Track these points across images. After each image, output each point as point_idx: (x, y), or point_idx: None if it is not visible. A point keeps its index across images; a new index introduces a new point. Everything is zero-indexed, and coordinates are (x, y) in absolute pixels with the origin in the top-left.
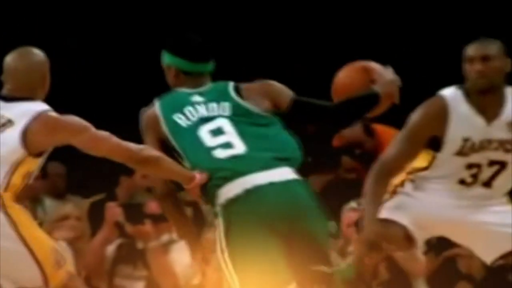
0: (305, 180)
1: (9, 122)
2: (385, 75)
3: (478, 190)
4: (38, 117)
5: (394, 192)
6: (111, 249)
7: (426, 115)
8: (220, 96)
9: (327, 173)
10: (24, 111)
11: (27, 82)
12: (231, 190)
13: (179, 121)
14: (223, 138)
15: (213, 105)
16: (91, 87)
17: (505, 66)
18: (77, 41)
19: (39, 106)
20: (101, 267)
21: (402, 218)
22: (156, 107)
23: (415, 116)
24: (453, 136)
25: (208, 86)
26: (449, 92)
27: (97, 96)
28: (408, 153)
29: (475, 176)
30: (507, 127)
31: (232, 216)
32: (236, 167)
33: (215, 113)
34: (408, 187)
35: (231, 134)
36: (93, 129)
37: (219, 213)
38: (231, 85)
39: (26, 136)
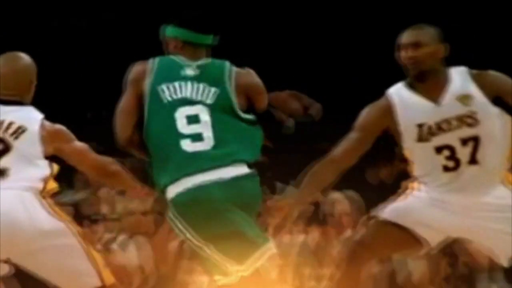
0: (255, 175)
1: (20, 128)
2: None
3: (469, 171)
4: (42, 125)
5: (407, 194)
6: (175, 244)
7: (372, 107)
8: (213, 79)
9: (384, 166)
10: (29, 118)
11: (14, 86)
12: (176, 189)
13: (161, 94)
14: (196, 128)
15: (201, 86)
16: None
17: (438, 51)
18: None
19: (36, 113)
20: (165, 262)
21: (406, 221)
22: (149, 66)
23: (364, 110)
24: (406, 124)
25: (207, 61)
26: (394, 86)
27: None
28: (355, 142)
29: (453, 158)
30: (459, 102)
31: (181, 208)
32: (191, 168)
33: (198, 98)
34: (420, 190)
35: (205, 124)
36: (77, 141)
37: (169, 208)
38: (227, 68)
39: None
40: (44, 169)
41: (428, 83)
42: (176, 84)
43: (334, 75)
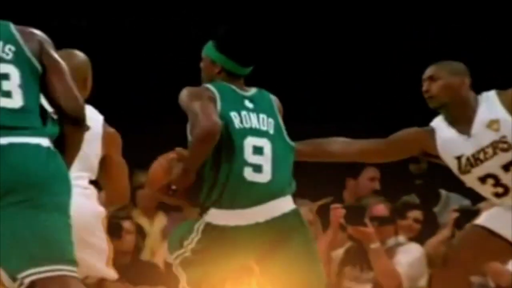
0: (298, 209)
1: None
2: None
3: None
4: (104, 126)
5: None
6: (340, 251)
7: (415, 129)
8: (268, 110)
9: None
10: (90, 117)
11: None
12: (223, 217)
13: (234, 119)
14: (259, 160)
15: (263, 117)
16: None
17: (455, 84)
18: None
19: (96, 112)
20: (328, 268)
21: (497, 226)
22: (212, 91)
23: (406, 129)
24: (445, 157)
25: (254, 92)
26: (436, 118)
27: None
28: (377, 145)
29: (499, 185)
30: (488, 129)
31: (210, 242)
32: (246, 199)
33: (264, 128)
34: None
35: (267, 158)
36: None
37: (200, 226)
38: (273, 99)
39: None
40: (95, 171)
41: (456, 115)
42: (242, 113)
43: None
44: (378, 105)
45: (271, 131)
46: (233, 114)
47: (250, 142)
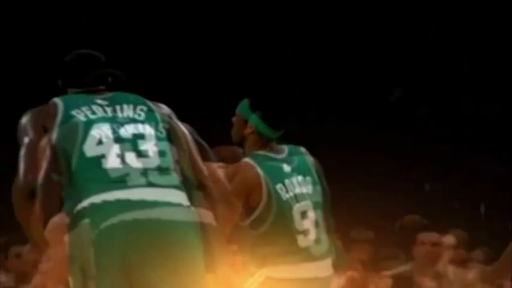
0: None
1: None
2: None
3: None
4: None
5: None
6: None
7: None
8: (305, 171)
9: None
10: None
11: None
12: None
13: (281, 192)
14: (306, 224)
15: (301, 178)
16: None
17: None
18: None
19: None
20: None
21: None
22: (260, 174)
23: None
24: None
25: (287, 151)
26: None
27: None
28: None
29: None
30: None
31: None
32: (302, 259)
33: (304, 191)
34: None
35: (311, 220)
36: None
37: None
38: (310, 159)
39: None
40: None
41: None
42: (286, 182)
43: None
44: (378, 105)
45: (310, 192)
46: (279, 187)
47: (297, 209)
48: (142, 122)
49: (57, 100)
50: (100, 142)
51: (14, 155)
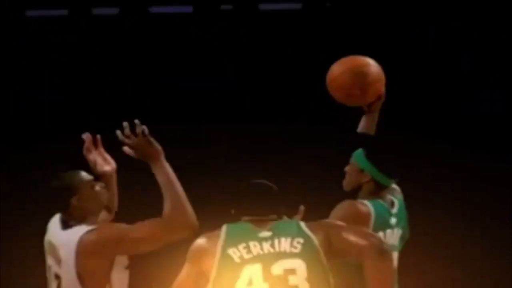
0: None
1: None
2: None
3: None
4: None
5: None
6: None
7: None
8: (402, 225)
9: None
10: None
11: None
12: None
13: (385, 238)
14: None
15: (396, 232)
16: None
17: None
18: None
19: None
20: None
21: None
22: (371, 210)
23: None
24: None
25: (398, 204)
26: None
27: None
28: None
29: None
30: None
31: None
32: None
33: (396, 244)
34: None
35: None
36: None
37: None
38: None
39: None
40: None
41: None
42: (388, 232)
43: None
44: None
45: (396, 243)
46: (381, 234)
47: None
48: (296, 256)
49: (222, 233)
50: (250, 283)
51: (14, 155)
